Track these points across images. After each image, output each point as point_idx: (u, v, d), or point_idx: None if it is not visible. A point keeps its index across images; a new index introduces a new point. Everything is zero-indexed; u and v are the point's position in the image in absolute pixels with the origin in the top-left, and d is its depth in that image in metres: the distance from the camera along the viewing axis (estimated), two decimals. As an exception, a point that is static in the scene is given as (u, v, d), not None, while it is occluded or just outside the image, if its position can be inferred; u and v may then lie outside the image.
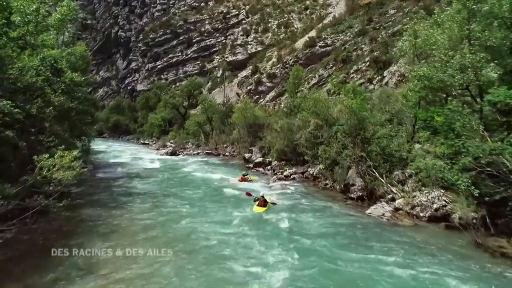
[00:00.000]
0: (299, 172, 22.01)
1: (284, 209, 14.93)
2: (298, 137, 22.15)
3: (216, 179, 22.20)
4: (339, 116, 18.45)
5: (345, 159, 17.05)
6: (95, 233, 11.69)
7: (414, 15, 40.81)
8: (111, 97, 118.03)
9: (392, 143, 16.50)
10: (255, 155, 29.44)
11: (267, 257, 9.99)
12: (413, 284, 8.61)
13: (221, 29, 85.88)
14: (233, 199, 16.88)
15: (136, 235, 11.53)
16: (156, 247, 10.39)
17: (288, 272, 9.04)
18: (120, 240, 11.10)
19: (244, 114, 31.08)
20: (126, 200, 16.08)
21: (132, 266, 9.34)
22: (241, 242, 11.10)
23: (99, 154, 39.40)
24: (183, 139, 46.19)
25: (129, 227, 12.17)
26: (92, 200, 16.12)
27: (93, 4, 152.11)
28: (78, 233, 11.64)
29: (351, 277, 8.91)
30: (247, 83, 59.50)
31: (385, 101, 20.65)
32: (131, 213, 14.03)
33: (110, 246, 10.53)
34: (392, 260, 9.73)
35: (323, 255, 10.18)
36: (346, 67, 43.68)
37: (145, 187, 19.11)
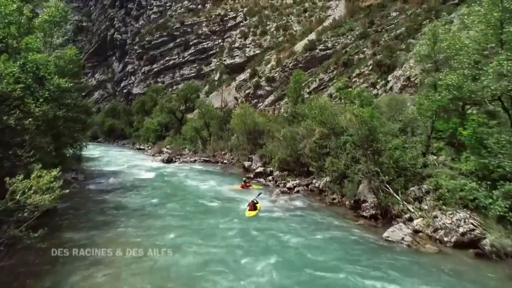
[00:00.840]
0: (303, 184, 20.62)
1: (290, 229, 13.53)
2: (302, 147, 20.78)
3: (215, 191, 20.75)
4: (348, 126, 17.08)
5: (356, 174, 15.67)
6: (73, 272, 9.96)
7: (419, 17, 40.15)
8: (107, 100, 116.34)
9: (406, 155, 15.16)
10: (255, 164, 28.05)
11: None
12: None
13: (218, 32, 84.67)
14: (235, 215, 15.45)
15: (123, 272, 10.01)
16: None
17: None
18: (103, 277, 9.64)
19: (244, 121, 29.69)
20: (115, 219, 14.60)
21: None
22: (240, 269, 9.71)
23: (92, 161, 37.88)
24: (180, 145, 44.71)
25: (113, 263, 10.56)
26: (78, 221, 14.61)
27: (88, 7, 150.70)
28: (54, 273, 9.98)
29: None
30: (245, 87, 58.16)
31: (395, 108, 19.31)
32: (119, 238, 12.55)
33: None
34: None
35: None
36: (347, 71, 42.46)
37: (136, 202, 17.56)
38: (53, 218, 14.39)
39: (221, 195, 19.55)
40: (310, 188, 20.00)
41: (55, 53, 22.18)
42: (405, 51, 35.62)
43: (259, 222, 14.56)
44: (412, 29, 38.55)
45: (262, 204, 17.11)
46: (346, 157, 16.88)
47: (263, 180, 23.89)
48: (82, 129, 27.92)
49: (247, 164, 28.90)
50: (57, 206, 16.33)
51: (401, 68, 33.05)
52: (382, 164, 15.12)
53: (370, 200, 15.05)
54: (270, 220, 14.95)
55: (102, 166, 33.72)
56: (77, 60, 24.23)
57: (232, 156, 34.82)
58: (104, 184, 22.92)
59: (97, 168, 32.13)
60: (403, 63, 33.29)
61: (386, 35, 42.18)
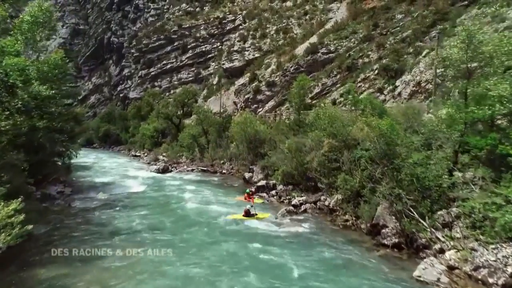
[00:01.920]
0: (310, 201, 18.68)
1: (298, 261, 11.60)
2: (309, 160, 18.85)
3: (214, 214, 18.74)
4: (363, 138, 15.19)
5: (374, 194, 13.75)
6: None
7: (426, 20, 38.39)
8: (103, 104, 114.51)
9: (429, 173, 13.25)
10: (257, 176, 26.13)
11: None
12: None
13: (217, 35, 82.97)
14: (237, 248, 13.49)
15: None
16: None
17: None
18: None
19: (244, 129, 27.77)
20: (96, 251, 12.54)
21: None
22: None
23: (83, 170, 35.85)
24: (176, 153, 42.77)
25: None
26: (51, 255, 12.52)
27: (85, 10, 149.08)
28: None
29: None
30: (244, 92, 56.33)
31: (413, 118, 17.42)
32: (100, 274, 10.57)
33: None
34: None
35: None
36: (352, 75, 40.67)
37: (123, 227, 15.32)
38: (25, 249, 12.40)
39: (221, 219, 17.52)
40: (319, 206, 18.06)
41: (43, 56, 20.23)
42: (413, 55, 33.88)
43: (262, 251, 12.64)
44: (420, 32, 36.80)
45: (267, 227, 15.23)
46: (361, 174, 14.97)
47: (266, 195, 21.95)
48: (71, 138, 26.07)
49: (247, 176, 26.99)
50: (33, 231, 14.46)
51: (410, 72, 31.24)
52: (401, 181, 13.22)
53: (391, 226, 13.13)
54: (275, 246, 13.05)
55: (94, 176, 31.72)
56: (64, 65, 22.24)
57: (232, 165, 32.88)
58: (91, 201, 20.92)
59: (87, 179, 30.12)
60: (412, 68, 31.50)
61: (391, 38, 40.45)
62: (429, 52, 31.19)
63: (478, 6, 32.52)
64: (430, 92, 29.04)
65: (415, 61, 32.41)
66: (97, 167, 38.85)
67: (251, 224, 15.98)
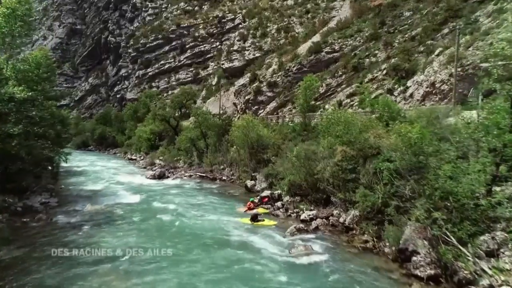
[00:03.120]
0: (322, 216, 16.63)
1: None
2: (321, 169, 16.81)
3: (215, 226, 16.72)
4: (385, 147, 13.16)
5: (400, 213, 11.73)
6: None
7: (437, 17, 36.41)
8: (100, 105, 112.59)
9: (465, 188, 11.21)
10: (260, 184, 24.10)
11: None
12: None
13: (216, 34, 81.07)
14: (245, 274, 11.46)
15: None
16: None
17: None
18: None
19: (246, 133, 25.72)
20: (72, 282, 10.50)
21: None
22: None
23: (74, 176, 33.81)
24: (174, 157, 40.69)
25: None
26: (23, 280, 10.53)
27: (83, 9, 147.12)
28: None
29: None
30: (245, 92, 54.35)
31: (439, 123, 15.38)
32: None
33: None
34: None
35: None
36: (358, 75, 38.71)
37: (107, 253, 13.14)
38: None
39: (223, 234, 15.48)
40: (332, 222, 16.00)
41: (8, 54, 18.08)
42: (425, 54, 31.89)
43: (269, 280, 10.65)
44: (430, 29, 34.83)
45: (275, 248, 13.25)
46: (383, 189, 12.93)
47: (271, 207, 19.89)
48: (58, 143, 24.03)
49: (250, 184, 24.94)
50: (1, 255, 12.48)
51: (423, 72, 29.24)
52: (434, 199, 11.19)
53: (423, 252, 11.08)
54: (285, 273, 11.07)
55: (84, 183, 29.62)
56: (49, 64, 20.19)
57: (232, 171, 30.82)
58: (78, 214, 18.81)
59: (77, 186, 28.02)
60: (424, 67, 29.51)
61: (400, 37, 38.50)
62: (443, 51, 29.25)
63: (494, 2, 30.56)
64: (446, 93, 27.15)
65: (428, 60, 30.45)
66: (89, 173, 36.74)
67: (257, 244, 13.97)
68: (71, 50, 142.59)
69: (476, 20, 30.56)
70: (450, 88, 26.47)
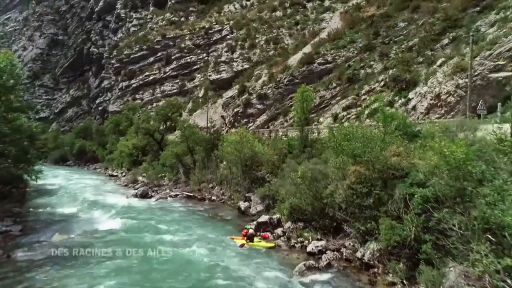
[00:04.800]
0: (333, 248, 14.20)
1: None
2: (330, 193, 14.43)
3: (206, 262, 14.08)
4: (419, 168, 10.89)
5: (441, 252, 9.41)
6: None
7: (434, 27, 35.22)
8: (81, 118, 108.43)
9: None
10: (255, 207, 21.53)
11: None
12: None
13: (203, 45, 79.00)
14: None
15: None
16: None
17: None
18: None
19: (239, 149, 23.23)
20: None
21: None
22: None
23: (46, 196, 30.58)
24: (158, 173, 37.71)
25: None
26: None
27: (65, 20, 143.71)
28: None
29: None
30: (233, 105, 52.08)
31: (468, 139, 13.26)
32: None
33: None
34: None
35: None
36: (354, 87, 36.99)
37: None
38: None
39: (216, 274, 12.85)
40: (345, 256, 13.57)
41: None
42: (426, 64, 30.36)
43: None
44: (428, 40, 33.48)
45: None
46: (415, 219, 10.61)
47: (270, 234, 17.35)
48: (25, 161, 21.04)
49: (243, 206, 22.37)
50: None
51: (426, 84, 27.56)
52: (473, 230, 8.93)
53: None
54: None
55: (57, 205, 26.47)
56: (13, 71, 17.39)
57: (222, 190, 28.16)
58: (43, 247, 15.85)
59: (47, 209, 24.90)
60: (427, 78, 27.84)
61: (395, 47, 37.07)
62: (446, 61, 27.70)
63: (496, 11, 29.40)
64: (452, 105, 25.43)
65: (429, 71, 28.87)
66: (64, 191, 33.46)
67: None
68: (52, 61, 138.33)
69: (477, 30, 29.25)
70: (457, 100, 24.83)
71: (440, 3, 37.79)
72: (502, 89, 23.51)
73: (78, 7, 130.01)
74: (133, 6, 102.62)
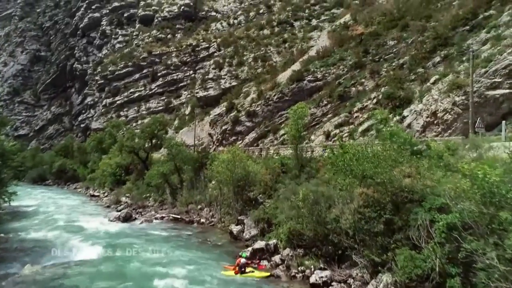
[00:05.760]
0: (339, 279, 12.86)
1: None
2: (335, 218, 13.18)
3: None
4: (446, 193, 9.77)
5: None
6: None
7: (424, 45, 35.24)
8: (63, 135, 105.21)
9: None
10: (249, 231, 20.04)
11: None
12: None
13: (189, 63, 78.33)
14: None
15: None
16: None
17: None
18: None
19: (231, 168, 21.83)
20: None
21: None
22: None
23: (20, 219, 28.27)
24: (142, 194, 35.78)
25: None
26: None
27: (48, 36, 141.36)
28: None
29: None
30: (221, 122, 50.94)
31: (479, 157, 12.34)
32: None
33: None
34: None
35: None
36: (345, 104, 36.42)
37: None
38: None
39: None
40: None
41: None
42: (419, 81, 30.00)
43: None
44: (419, 58, 33.32)
45: None
46: (439, 249, 9.41)
47: (267, 263, 15.88)
48: None
49: (235, 230, 20.83)
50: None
51: (421, 101, 27.03)
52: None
53: None
54: None
55: (31, 230, 24.31)
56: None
57: (212, 212, 26.55)
58: (10, 283, 13.91)
59: (20, 234, 22.79)
60: (422, 96, 27.36)
61: (387, 65, 36.86)
62: (440, 78, 27.34)
63: (486, 30, 29.45)
64: (449, 123, 24.84)
65: (423, 88, 28.47)
66: (40, 214, 31.13)
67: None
68: (34, 77, 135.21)
69: (469, 48, 29.16)
70: (454, 117, 24.26)
71: (428, 22, 37.97)
72: (499, 106, 23.12)
73: (62, 24, 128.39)
74: (118, 23, 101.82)
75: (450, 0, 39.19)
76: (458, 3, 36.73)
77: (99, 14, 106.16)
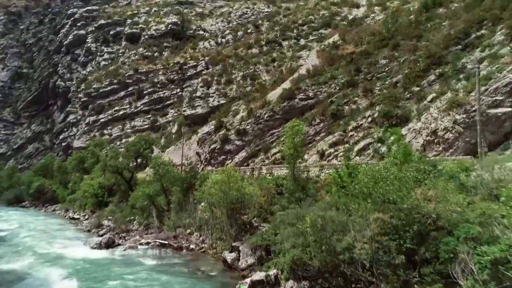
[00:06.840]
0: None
1: None
2: (347, 247, 11.73)
3: None
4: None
5: None
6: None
7: (418, 64, 35.05)
8: (43, 154, 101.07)
9: None
10: (245, 259, 18.28)
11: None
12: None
13: (177, 81, 77.10)
14: None
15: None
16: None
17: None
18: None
19: (225, 190, 20.22)
20: None
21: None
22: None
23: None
24: (126, 217, 33.52)
25: None
26: None
27: (31, 52, 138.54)
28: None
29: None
30: (209, 141, 49.42)
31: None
32: None
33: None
34: None
35: None
36: (339, 123, 35.56)
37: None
38: None
39: None
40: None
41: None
42: (415, 99, 29.44)
43: None
44: (413, 76, 32.94)
45: None
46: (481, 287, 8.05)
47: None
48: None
49: (229, 258, 19.04)
50: None
51: (420, 120, 26.30)
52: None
53: None
54: None
55: (1, 259, 21.87)
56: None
57: (202, 237, 24.67)
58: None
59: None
60: (420, 114, 26.68)
61: (379, 83, 36.40)
62: (438, 97, 26.80)
63: (480, 49, 29.32)
64: (451, 142, 24.04)
65: (420, 106, 27.86)
66: (13, 240, 28.58)
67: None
68: (14, 94, 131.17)
69: (464, 67, 28.94)
70: (455, 136, 23.50)
71: (419, 42, 37.97)
72: (501, 125, 22.49)
73: (46, 40, 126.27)
74: (104, 40, 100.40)
75: (440, 21, 39.46)
76: (448, 23, 36.87)
77: (85, 32, 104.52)
